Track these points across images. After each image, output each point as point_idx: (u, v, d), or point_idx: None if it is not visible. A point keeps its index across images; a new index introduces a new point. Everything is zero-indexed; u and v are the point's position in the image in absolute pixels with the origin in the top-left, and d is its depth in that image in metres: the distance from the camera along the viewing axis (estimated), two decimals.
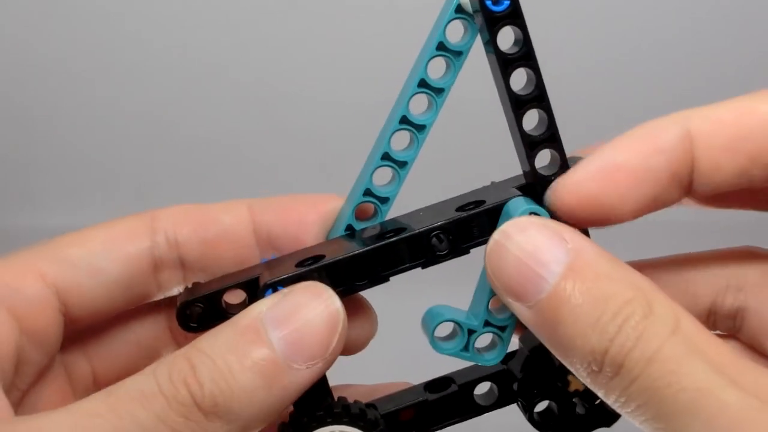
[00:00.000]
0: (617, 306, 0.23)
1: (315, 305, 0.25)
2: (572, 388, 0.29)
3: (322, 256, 0.28)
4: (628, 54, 0.85)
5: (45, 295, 0.29)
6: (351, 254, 0.28)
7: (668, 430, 0.22)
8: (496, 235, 0.25)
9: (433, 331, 0.29)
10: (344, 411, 0.27)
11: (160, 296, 0.32)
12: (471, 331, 0.28)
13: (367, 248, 0.28)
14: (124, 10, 0.84)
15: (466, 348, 0.28)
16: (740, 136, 0.25)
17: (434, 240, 0.28)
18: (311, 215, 0.31)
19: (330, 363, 0.25)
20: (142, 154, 0.88)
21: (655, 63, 0.85)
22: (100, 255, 0.30)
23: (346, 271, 0.28)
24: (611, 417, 0.30)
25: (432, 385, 0.31)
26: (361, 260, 0.28)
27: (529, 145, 0.27)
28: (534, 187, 0.27)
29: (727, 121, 0.25)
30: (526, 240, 0.24)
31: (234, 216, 0.31)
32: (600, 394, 0.24)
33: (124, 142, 0.88)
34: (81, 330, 0.31)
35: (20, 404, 0.29)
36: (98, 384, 0.32)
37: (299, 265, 0.28)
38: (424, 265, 0.28)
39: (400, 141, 0.29)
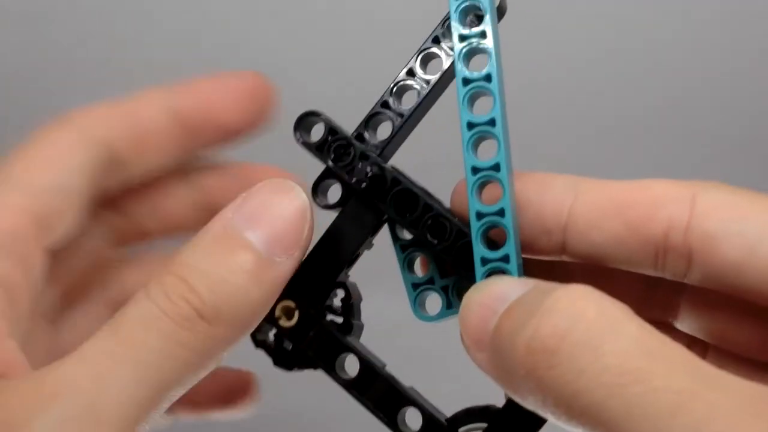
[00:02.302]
0: (551, 300, 0.21)
1: (283, 202, 0.26)
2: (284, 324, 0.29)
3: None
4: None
5: (30, 232, 0.29)
6: None
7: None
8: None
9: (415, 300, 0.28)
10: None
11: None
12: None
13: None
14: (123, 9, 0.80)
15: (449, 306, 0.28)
16: (625, 203, 0.25)
17: None
18: (232, 94, 0.33)
19: (305, 249, 0.26)
20: None
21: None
22: (68, 174, 0.30)
23: None
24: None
25: None
26: None
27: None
28: None
29: (613, 189, 0.26)
30: (486, 292, 0.24)
31: (156, 112, 0.33)
32: (542, 409, 0.21)
33: None
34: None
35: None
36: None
37: None
38: None
39: None
